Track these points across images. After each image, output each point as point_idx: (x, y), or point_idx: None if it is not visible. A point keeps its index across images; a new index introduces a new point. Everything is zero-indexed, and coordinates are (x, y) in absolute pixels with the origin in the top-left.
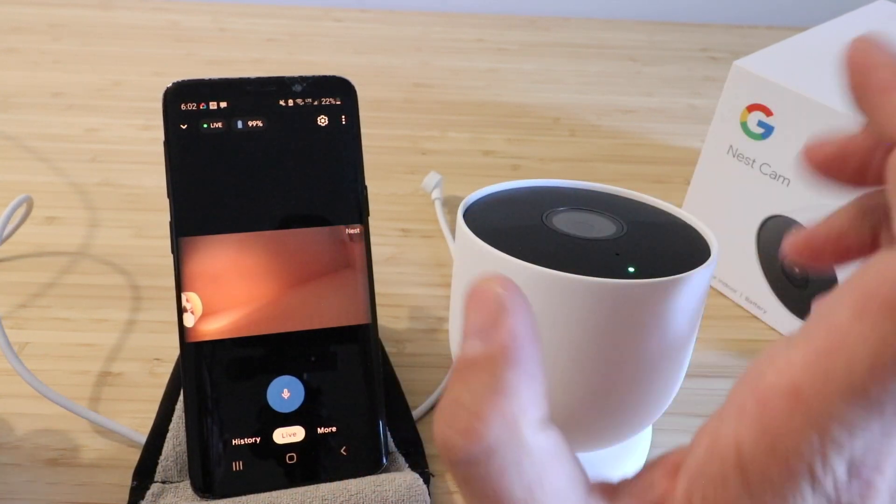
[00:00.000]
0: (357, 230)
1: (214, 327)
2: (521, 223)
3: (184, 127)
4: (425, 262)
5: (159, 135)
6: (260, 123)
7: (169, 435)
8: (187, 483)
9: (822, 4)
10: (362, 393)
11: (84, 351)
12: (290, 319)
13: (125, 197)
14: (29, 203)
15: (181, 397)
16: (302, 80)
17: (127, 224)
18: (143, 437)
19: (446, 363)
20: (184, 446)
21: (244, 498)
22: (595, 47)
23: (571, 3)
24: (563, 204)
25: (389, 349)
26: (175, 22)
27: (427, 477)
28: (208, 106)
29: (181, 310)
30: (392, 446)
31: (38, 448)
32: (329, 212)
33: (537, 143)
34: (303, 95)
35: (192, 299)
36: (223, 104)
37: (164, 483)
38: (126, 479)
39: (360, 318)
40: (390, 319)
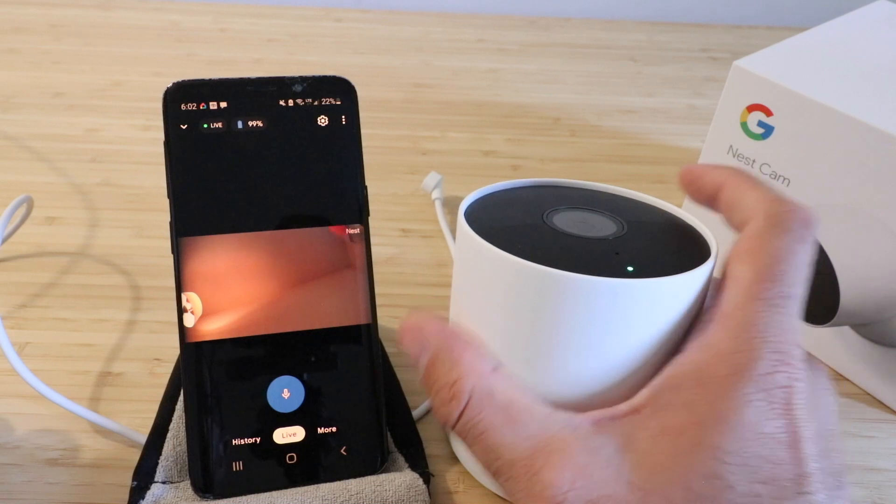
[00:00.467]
0: (357, 230)
1: (214, 327)
2: (522, 222)
3: (184, 127)
4: (425, 262)
5: (159, 135)
6: (260, 123)
7: (169, 435)
8: (187, 483)
9: (822, 4)
10: (362, 393)
11: (84, 351)
12: (291, 319)
13: (125, 197)
14: (29, 203)
15: (181, 397)
16: (302, 80)
17: (127, 224)
18: (143, 437)
19: None
20: (184, 446)
21: (244, 498)
22: (595, 47)
23: (571, 4)
24: (564, 203)
25: (389, 349)
26: (175, 22)
27: (427, 477)
28: (208, 106)
29: (181, 310)
30: (392, 446)
31: (38, 448)
32: (329, 212)
33: (537, 143)
34: (303, 95)
35: (192, 299)
36: (223, 104)
37: (164, 483)
38: (126, 479)
39: (361, 318)
40: (390, 319)
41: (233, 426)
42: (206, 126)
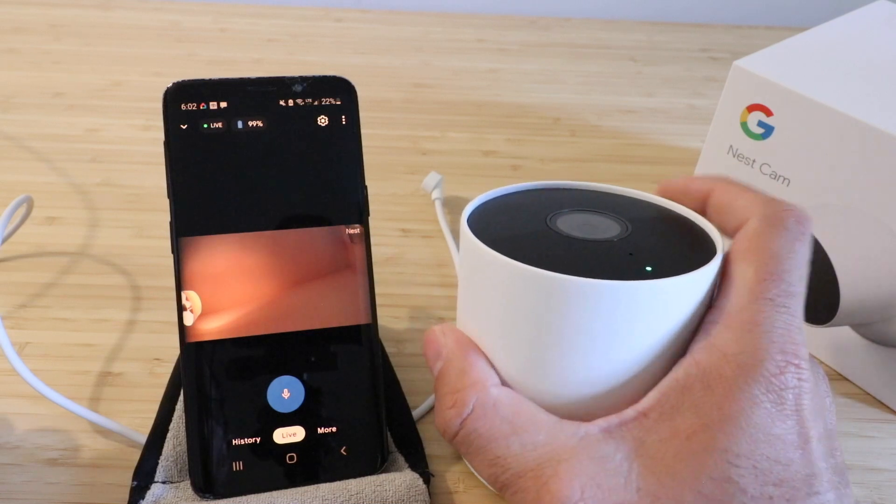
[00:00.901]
0: (357, 230)
1: (214, 327)
2: (528, 229)
3: (184, 127)
4: (425, 262)
5: (159, 135)
6: (260, 123)
7: (169, 435)
8: (187, 483)
9: (822, 4)
10: (362, 393)
11: (84, 351)
12: (291, 319)
13: (125, 197)
14: (29, 203)
15: (181, 397)
16: (302, 80)
17: (127, 224)
18: (143, 437)
19: None
20: (184, 446)
21: (244, 498)
22: (595, 47)
23: (571, 4)
24: (565, 205)
25: (389, 349)
26: (175, 22)
27: (427, 477)
28: (208, 106)
29: (181, 310)
30: (392, 446)
31: (38, 448)
32: (329, 212)
33: (537, 143)
34: (303, 95)
35: (191, 298)
36: (223, 104)
37: (164, 483)
38: (126, 479)
39: (361, 318)
40: (390, 319)
41: (233, 426)
42: (206, 126)
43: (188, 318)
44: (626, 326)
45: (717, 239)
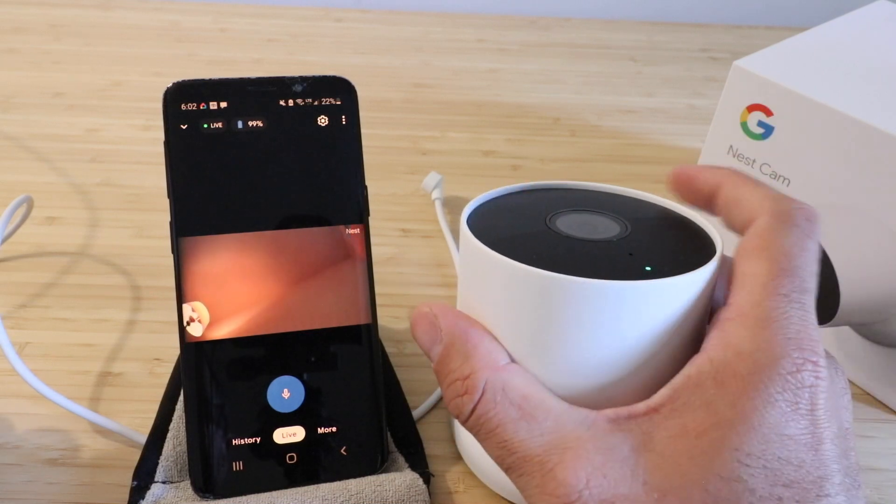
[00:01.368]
0: (357, 230)
1: (214, 327)
2: (529, 230)
3: (184, 127)
4: (425, 262)
5: (159, 135)
6: (260, 123)
7: (169, 435)
8: (187, 483)
9: (822, 4)
10: (362, 393)
11: (84, 351)
12: (291, 319)
13: (125, 197)
14: (29, 203)
15: (181, 397)
16: (302, 80)
17: (127, 224)
18: (143, 437)
19: None
20: (184, 446)
21: (244, 498)
22: (595, 47)
23: (571, 4)
24: (565, 205)
25: (389, 349)
26: (175, 22)
27: (427, 477)
28: (208, 106)
29: (181, 310)
30: (392, 446)
31: (38, 448)
32: (329, 212)
33: (537, 143)
34: (303, 95)
35: (198, 309)
36: (223, 104)
37: (164, 483)
38: (126, 479)
39: (361, 318)
40: (390, 319)
41: (233, 426)
42: (206, 126)
43: (197, 329)
44: (626, 326)
45: (717, 239)
